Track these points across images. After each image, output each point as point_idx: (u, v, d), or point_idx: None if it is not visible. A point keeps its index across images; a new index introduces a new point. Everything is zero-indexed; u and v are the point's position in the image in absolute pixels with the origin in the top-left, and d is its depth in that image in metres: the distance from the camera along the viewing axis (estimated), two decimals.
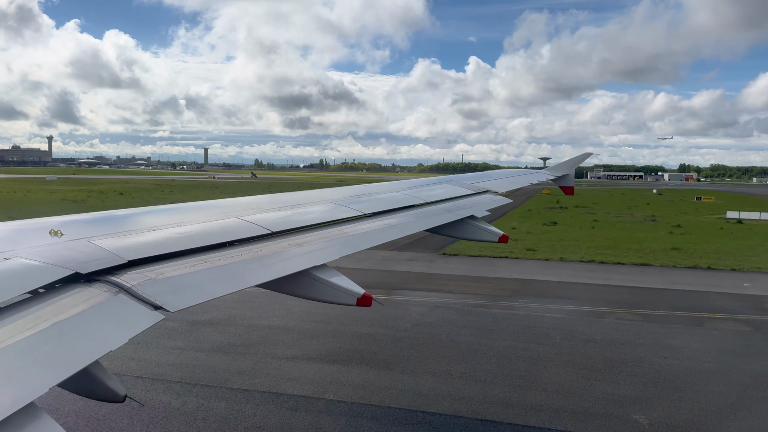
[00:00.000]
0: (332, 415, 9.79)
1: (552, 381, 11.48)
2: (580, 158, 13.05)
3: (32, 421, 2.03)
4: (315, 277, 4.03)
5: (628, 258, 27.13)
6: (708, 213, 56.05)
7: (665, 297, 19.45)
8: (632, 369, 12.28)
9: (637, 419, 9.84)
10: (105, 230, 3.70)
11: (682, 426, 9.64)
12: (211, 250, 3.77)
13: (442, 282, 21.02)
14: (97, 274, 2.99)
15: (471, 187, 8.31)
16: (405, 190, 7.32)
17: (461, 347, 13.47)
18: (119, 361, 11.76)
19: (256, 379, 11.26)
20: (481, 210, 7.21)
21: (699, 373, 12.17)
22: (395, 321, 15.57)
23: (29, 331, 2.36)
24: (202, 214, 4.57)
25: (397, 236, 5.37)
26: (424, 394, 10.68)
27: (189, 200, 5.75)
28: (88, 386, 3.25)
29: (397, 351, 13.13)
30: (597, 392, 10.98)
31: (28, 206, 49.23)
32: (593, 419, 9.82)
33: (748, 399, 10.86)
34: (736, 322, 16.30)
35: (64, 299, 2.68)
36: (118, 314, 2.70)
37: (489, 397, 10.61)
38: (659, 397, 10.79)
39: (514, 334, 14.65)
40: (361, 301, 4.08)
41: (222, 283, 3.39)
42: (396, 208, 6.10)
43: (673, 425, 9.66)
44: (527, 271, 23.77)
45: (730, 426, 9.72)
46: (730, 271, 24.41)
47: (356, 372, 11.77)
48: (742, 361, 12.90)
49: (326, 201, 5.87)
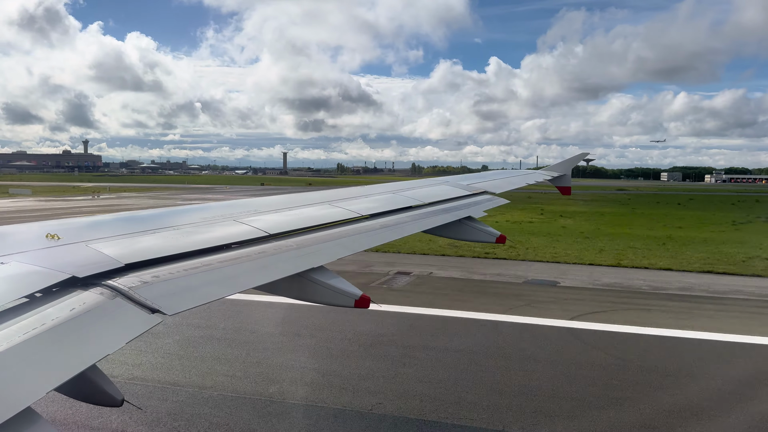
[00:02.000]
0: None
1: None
2: (576, 158, 13.10)
3: (29, 426, 2.02)
4: (312, 279, 4.03)
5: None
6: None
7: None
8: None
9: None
10: (102, 234, 3.70)
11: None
12: (209, 253, 3.77)
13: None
14: (94, 278, 2.98)
15: (468, 188, 8.31)
16: (402, 191, 7.33)
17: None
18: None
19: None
20: (479, 211, 7.21)
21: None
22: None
23: (26, 335, 2.36)
24: (198, 216, 4.56)
25: (394, 237, 5.37)
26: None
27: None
28: (86, 390, 3.24)
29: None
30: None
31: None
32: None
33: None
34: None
35: (61, 303, 2.68)
36: (115, 318, 2.70)
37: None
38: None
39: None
40: (358, 303, 4.08)
41: (219, 286, 3.39)
42: (392, 210, 6.10)
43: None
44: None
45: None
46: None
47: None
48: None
49: (322, 203, 5.87)
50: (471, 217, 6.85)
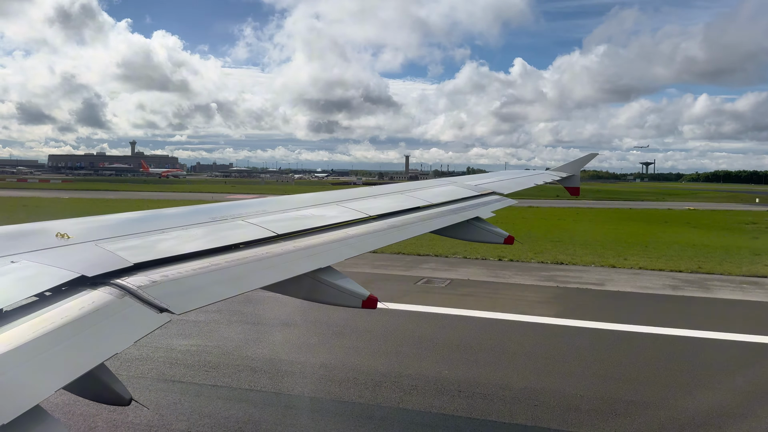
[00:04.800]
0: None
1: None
2: (585, 159, 13.03)
3: (38, 423, 2.04)
4: (320, 279, 4.04)
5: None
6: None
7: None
8: None
9: None
10: (111, 233, 3.72)
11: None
12: (217, 253, 3.79)
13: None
14: (103, 277, 3.00)
15: (476, 189, 8.29)
16: (409, 191, 7.32)
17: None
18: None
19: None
20: (487, 211, 7.20)
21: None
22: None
23: (35, 333, 2.38)
24: (206, 216, 4.58)
25: (402, 238, 5.37)
26: None
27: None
28: (94, 389, 3.26)
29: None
30: None
31: None
32: None
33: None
34: None
35: (70, 302, 2.69)
36: (123, 317, 2.71)
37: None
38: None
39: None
40: (366, 304, 4.08)
41: (227, 286, 3.40)
42: (400, 210, 6.10)
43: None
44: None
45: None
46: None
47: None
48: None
49: (329, 203, 5.88)
50: (479, 217, 6.85)
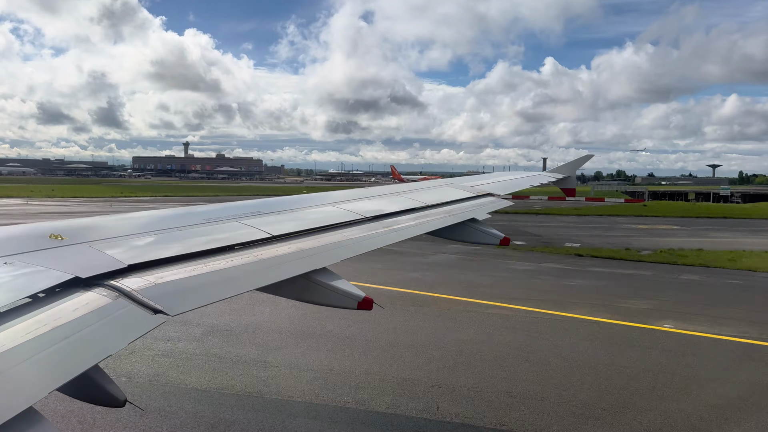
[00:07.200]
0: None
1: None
2: (581, 160, 13.06)
3: (31, 426, 2.03)
4: (315, 280, 4.03)
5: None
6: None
7: None
8: None
9: None
10: (105, 234, 3.71)
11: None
12: (212, 255, 3.78)
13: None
14: (98, 279, 2.99)
15: (472, 190, 8.31)
16: (405, 193, 7.33)
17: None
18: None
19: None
20: (483, 213, 7.20)
21: None
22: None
23: (29, 335, 2.37)
24: (201, 217, 4.57)
25: (398, 239, 5.37)
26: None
27: None
28: (88, 390, 3.25)
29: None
30: None
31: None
32: None
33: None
34: None
35: (64, 303, 2.68)
36: (117, 318, 2.70)
37: None
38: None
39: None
40: (361, 305, 4.08)
41: (222, 287, 3.39)
42: (396, 211, 6.10)
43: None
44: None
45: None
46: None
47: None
48: None
49: (326, 204, 5.88)
50: (475, 219, 6.85)
